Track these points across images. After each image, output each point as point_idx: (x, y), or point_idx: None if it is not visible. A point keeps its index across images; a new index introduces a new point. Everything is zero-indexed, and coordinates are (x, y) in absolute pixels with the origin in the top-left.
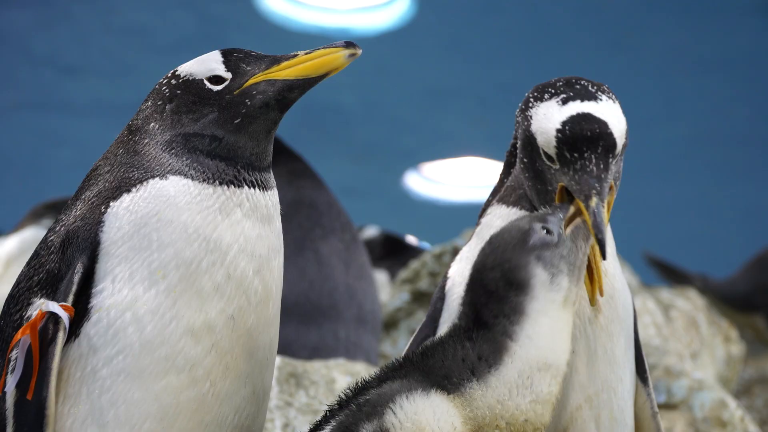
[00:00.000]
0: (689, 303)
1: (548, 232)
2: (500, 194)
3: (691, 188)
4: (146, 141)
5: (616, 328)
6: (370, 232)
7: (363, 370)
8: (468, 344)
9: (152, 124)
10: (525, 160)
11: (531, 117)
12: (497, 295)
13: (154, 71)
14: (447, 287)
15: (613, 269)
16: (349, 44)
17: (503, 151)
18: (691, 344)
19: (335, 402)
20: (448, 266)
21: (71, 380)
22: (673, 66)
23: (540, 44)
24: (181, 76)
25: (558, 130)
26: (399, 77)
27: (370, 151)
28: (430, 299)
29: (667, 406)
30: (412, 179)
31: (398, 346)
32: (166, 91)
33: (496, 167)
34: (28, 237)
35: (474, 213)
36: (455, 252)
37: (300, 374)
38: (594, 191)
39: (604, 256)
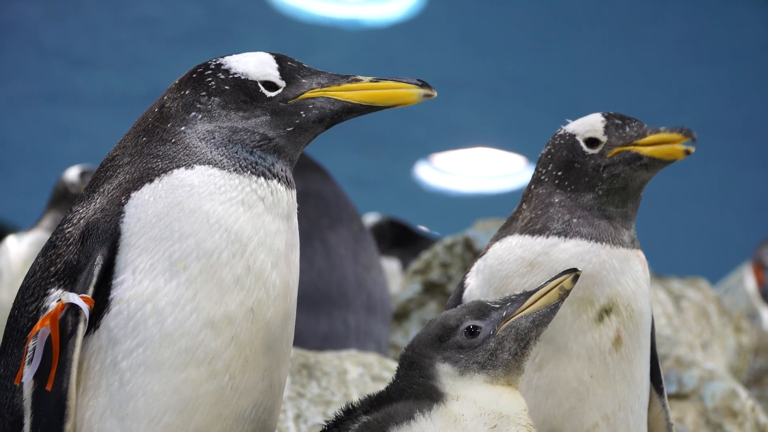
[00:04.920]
0: (700, 293)
1: (473, 333)
2: (519, 226)
3: (700, 178)
4: (182, 129)
5: (637, 354)
6: (370, 219)
7: (375, 361)
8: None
9: (193, 113)
10: (560, 173)
11: (564, 129)
12: (417, 377)
13: (164, 63)
14: (464, 296)
15: (644, 296)
16: (424, 84)
17: (514, 141)
18: (702, 334)
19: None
20: (460, 257)
21: (90, 372)
22: (682, 57)
23: (550, 35)
24: (231, 72)
25: (603, 114)
26: (409, 68)
27: (381, 142)
28: (442, 290)
29: (678, 396)
30: (422, 170)
31: (410, 336)
32: (212, 83)
33: (506, 158)
34: None
35: (485, 203)
36: (466, 243)
37: (312, 365)
38: (648, 130)
39: (692, 138)
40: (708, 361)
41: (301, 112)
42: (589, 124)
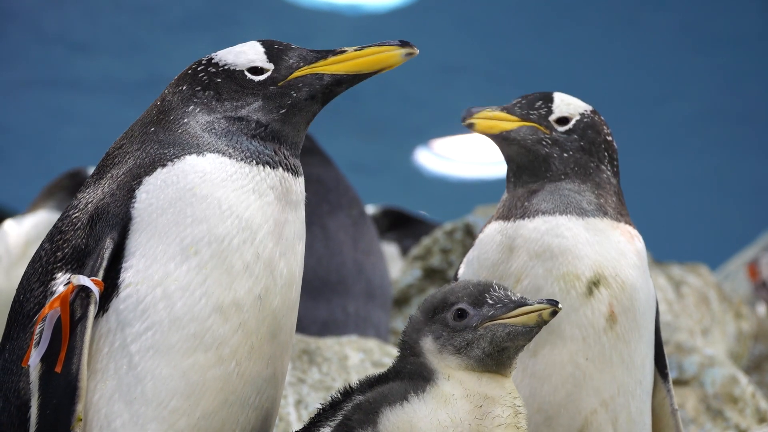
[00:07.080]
0: (700, 279)
1: (461, 316)
2: (499, 212)
3: (700, 164)
4: (185, 121)
5: (635, 335)
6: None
7: (375, 347)
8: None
9: (191, 107)
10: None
11: None
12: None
13: (164, 49)
14: None
15: (634, 269)
16: (404, 43)
17: None
18: (702, 320)
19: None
20: (460, 243)
21: (98, 355)
22: (682, 43)
23: (549, 21)
24: (220, 65)
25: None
26: None
27: (381, 128)
28: (442, 275)
29: (679, 382)
30: (422, 156)
31: None
32: (204, 78)
33: None
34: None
35: (485, 189)
36: (467, 229)
37: (313, 351)
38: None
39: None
40: (708, 347)
41: (292, 92)
42: None
